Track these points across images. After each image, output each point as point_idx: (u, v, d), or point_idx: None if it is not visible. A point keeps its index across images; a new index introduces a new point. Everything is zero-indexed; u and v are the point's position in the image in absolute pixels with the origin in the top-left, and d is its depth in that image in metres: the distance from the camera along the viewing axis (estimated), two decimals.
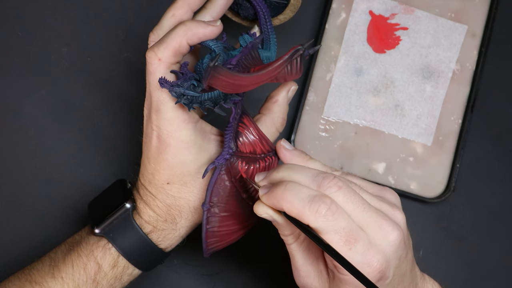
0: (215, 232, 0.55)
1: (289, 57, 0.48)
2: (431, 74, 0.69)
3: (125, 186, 0.58)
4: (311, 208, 0.46)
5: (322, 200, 0.46)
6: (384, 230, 0.48)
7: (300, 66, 0.49)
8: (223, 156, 0.53)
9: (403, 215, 0.50)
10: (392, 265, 0.48)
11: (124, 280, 0.56)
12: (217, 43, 0.53)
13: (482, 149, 0.71)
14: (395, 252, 0.48)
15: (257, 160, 0.54)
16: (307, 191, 0.47)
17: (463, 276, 0.69)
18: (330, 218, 0.46)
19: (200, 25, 0.52)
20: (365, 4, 0.69)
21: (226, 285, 0.67)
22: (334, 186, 0.48)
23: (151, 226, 0.56)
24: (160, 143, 0.54)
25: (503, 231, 0.70)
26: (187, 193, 0.55)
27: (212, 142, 0.55)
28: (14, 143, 0.68)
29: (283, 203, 0.47)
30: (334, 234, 0.46)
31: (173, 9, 0.53)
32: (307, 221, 0.47)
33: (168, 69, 0.52)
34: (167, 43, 0.51)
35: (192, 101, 0.51)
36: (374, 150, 0.68)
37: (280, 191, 0.48)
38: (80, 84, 0.69)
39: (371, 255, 0.47)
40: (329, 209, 0.46)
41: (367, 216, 0.48)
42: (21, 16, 0.70)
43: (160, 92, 0.52)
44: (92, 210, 0.58)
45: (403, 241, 0.48)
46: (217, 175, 0.53)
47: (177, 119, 0.52)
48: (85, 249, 0.55)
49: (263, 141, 0.55)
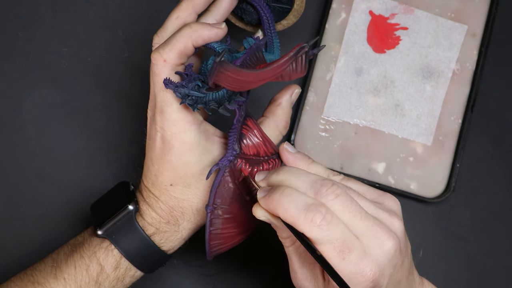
0: (219, 234, 0.55)
1: (294, 54, 0.48)
2: (431, 74, 0.69)
3: (128, 188, 0.58)
4: (306, 217, 0.46)
5: (317, 209, 0.46)
6: (379, 239, 0.48)
7: (305, 64, 0.49)
8: (227, 158, 0.53)
9: (401, 222, 0.50)
10: (386, 273, 0.48)
11: (126, 282, 0.56)
12: (221, 45, 0.53)
13: (482, 149, 0.71)
14: (390, 261, 0.48)
15: (261, 162, 0.54)
16: (303, 199, 0.47)
17: (463, 276, 0.69)
18: (325, 228, 0.46)
19: (205, 27, 0.52)
20: (365, 4, 0.69)
21: (226, 285, 0.67)
22: (332, 194, 0.47)
23: (153, 228, 0.56)
24: (164, 145, 0.53)
25: (503, 231, 0.70)
26: (190, 195, 0.55)
27: (215, 144, 0.55)
28: (14, 143, 0.68)
29: (279, 209, 0.47)
30: (328, 245, 0.46)
31: (178, 11, 0.53)
32: (301, 229, 0.47)
33: (173, 70, 0.52)
34: (172, 45, 0.51)
35: (197, 102, 0.51)
36: (374, 150, 0.68)
37: (277, 197, 0.48)
38: (80, 84, 0.69)
39: (365, 265, 0.47)
40: (324, 218, 0.46)
41: (363, 225, 0.48)
42: (21, 16, 0.69)
43: (165, 93, 0.52)
44: (94, 211, 0.58)
45: (398, 250, 0.48)
46: (220, 177, 0.53)
47: (182, 121, 0.52)
48: (87, 251, 0.55)
49: (266, 143, 0.55)
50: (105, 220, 0.56)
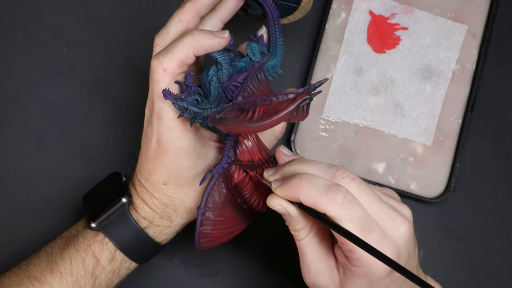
0: (208, 233, 0.55)
1: (295, 107, 0.47)
2: (431, 74, 0.69)
3: (120, 179, 0.58)
4: (327, 197, 0.47)
5: (338, 189, 0.47)
6: (395, 222, 0.48)
7: (306, 112, 0.48)
8: (221, 165, 0.53)
9: (410, 210, 0.51)
10: (403, 257, 0.49)
11: (122, 274, 0.57)
12: (223, 55, 0.51)
13: (482, 149, 0.71)
14: (406, 244, 0.49)
15: (255, 167, 0.54)
16: (322, 181, 0.48)
17: (463, 276, 0.69)
18: (347, 207, 0.47)
19: (207, 36, 0.50)
20: (365, 4, 0.69)
21: (226, 285, 0.67)
22: (347, 177, 0.48)
23: (147, 221, 0.56)
24: (159, 147, 0.54)
25: (503, 231, 0.70)
26: (183, 195, 0.55)
27: (210, 149, 0.56)
28: (14, 143, 0.68)
29: (299, 192, 0.48)
30: (350, 223, 0.47)
31: (181, 13, 0.52)
32: (323, 209, 0.47)
33: (172, 79, 0.51)
34: (173, 54, 0.50)
35: (195, 117, 0.50)
36: (374, 150, 0.68)
37: (296, 182, 0.48)
38: (80, 84, 0.69)
39: (385, 245, 0.47)
40: (345, 197, 0.47)
41: (379, 208, 0.48)
42: (21, 16, 0.69)
43: (163, 102, 0.52)
44: (87, 203, 0.58)
45: (412, 235, 0.49)
46: (214, 182, 0.53)
47: (178, 128, 0.52)
48: (82, 244, 0.55)
49: (261, 150, 0.55)
50: (99, 213, 0.56)
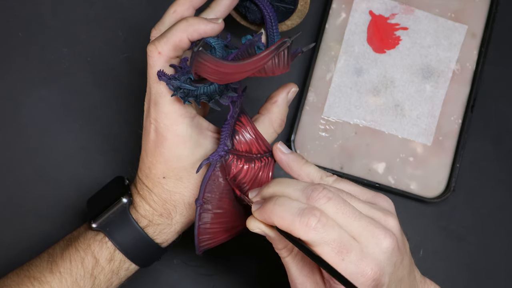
0: (207, 229, 0.55)
1: (275, 49, 0.48)
2: (431, 74, 0.69)
3: (123, 182, 0.59)
4: (301, 222, 0.47)
5: (311, 212, 0.47)
6: (376, 238, 0.48)
7: (287, 59, 0.50)
8: (218, 153, 0.53)
9: (396, 221, 0.50)
10: (387, 271, 0.48)
11: (121, 275, 0.57)
12: (217, 41, 0.53)
13: (482, 149, 0.71)
14: (389, 259, 0.48)
15: (253, 159, 0.54)
16: (296, 205, 0.48)
17: (463, 276, 0.69)
18: (321, 230, 0.46)
19: (201, 21, 0.52)
20: (365, 4, 0.69)
21: (226, 285, 0.67)
22: (324, 197, 0.48)
23: (147, 220, 0.56)
24: (157, 136, 0.54)
25: (503, 231, 0.70)
26: (182, 188, 0.56)
27: (208, 139, 0.56)
28: (14, 143, 0.68)
29: (273, 217, 0.48)
30: (325, 246, 0.46)
31: (175, 5, 0.54)
32: (297, 234, 0.47)
33: (167, 63, 0.53)
34: (168, 37, 0.52)
35: (188, 95, 0.51)
36: (374, 150, 0.68)
37: (270, 206, 0.48)
38: (80, 84, 0.69)
39: (365, 264, 0.47)
40: (319, 221, 0.46)
41: (359, 225, 0.48)
42: (21, 16, 0.70)
43: (158, 85, 0.53)
44: (90, 206, 0.59)
45: (396, 247, 0.48)
46: (211, 172, 0.53)
47: (174, 113, 0.53)
48: (82, 244, 0.56)
49: (259, 141, 0.55)
50: (100, 213, 0.56)
